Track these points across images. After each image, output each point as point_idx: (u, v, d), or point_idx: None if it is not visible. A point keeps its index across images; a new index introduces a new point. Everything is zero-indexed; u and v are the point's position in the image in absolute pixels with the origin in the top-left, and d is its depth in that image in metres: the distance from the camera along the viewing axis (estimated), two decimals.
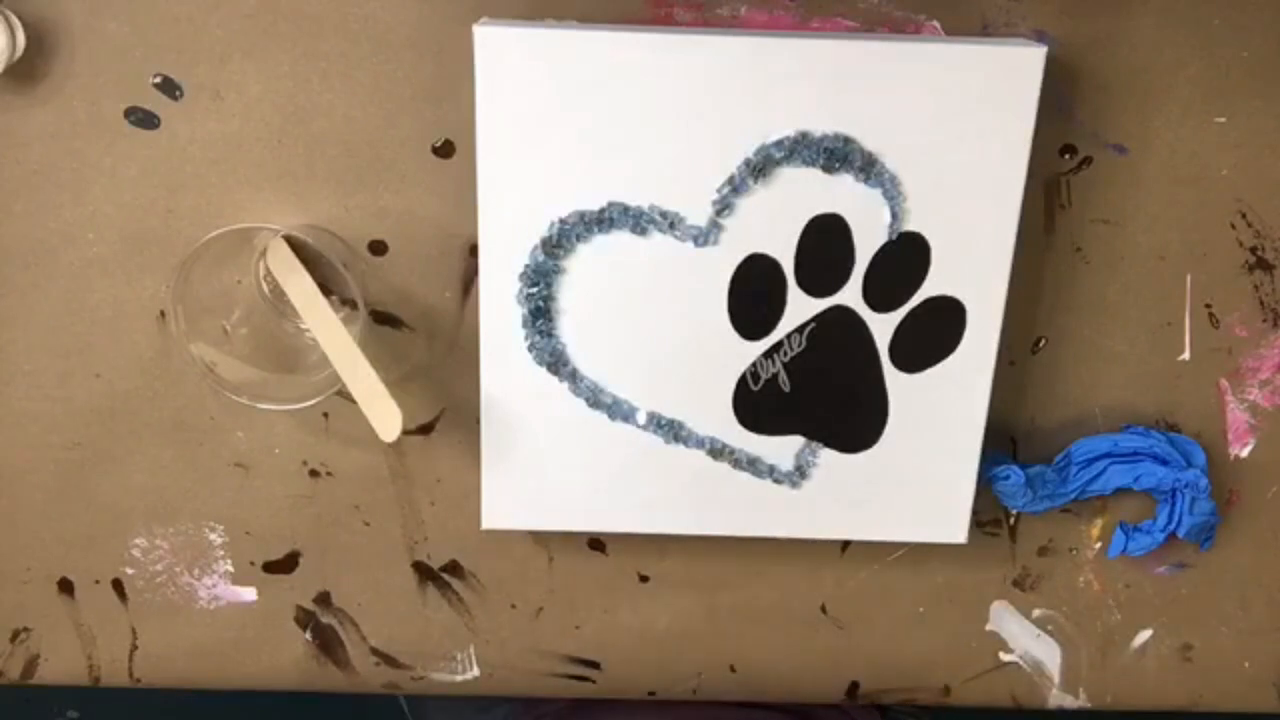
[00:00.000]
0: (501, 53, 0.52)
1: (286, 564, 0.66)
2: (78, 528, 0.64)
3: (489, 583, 0.66)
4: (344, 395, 0.56)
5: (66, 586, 0.66)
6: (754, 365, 0.57)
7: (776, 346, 0.57)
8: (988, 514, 0.65)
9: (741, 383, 0.57)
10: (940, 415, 0.58)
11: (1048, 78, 0.52)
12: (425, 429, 0.62)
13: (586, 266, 0.55)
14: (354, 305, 0.58)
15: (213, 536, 0.65)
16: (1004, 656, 0.69)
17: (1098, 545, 0.66)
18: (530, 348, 0.57)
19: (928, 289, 0.56)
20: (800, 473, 0.59)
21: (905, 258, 0.55)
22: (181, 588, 0.66)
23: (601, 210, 0.54)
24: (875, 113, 0.53)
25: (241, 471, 0.63)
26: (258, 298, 0.59)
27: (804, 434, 0.59)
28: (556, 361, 0.57)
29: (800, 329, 0.56)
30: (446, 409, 0.62)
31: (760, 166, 0.53)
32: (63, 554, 0.65)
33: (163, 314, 0.60)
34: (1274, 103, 0.57)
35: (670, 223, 0.54)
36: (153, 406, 0.62)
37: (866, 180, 0.54)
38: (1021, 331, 0.61)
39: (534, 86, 0.52)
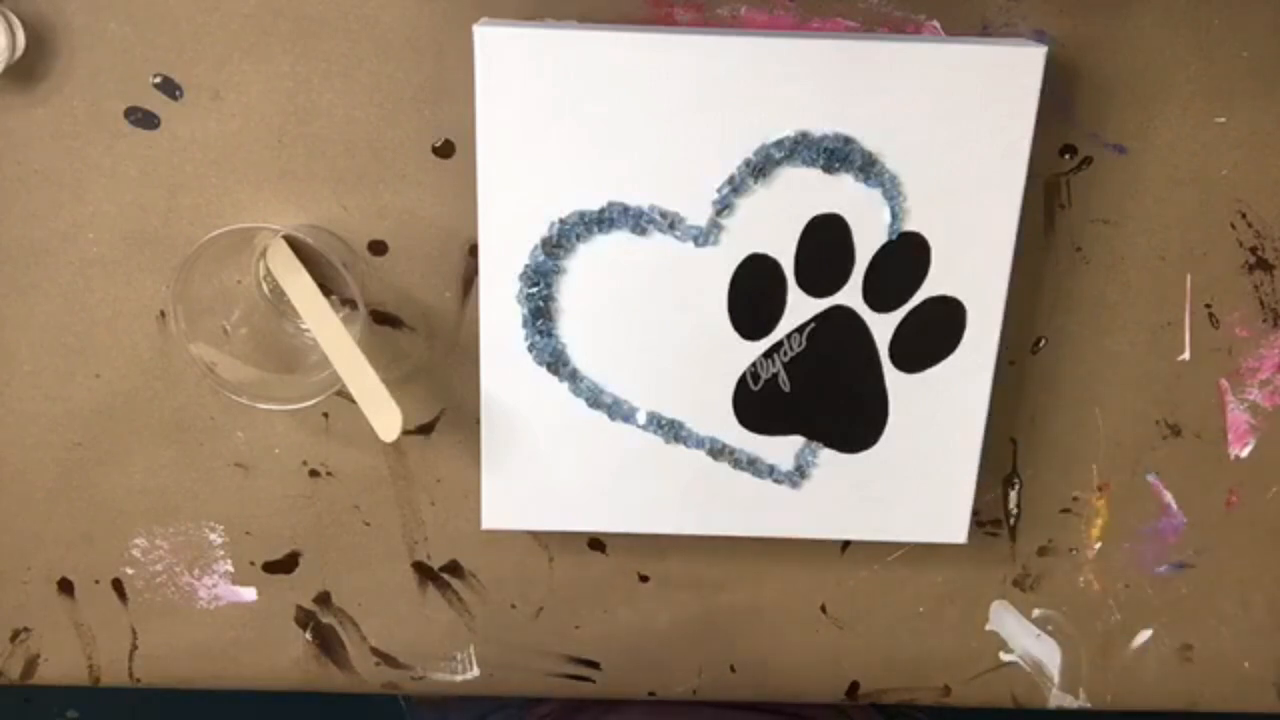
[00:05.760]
0: (501, 53, 0.52)
1: (286, 564, 0.66)
2: (78, 528, 0.64)
3: (489, 583, 0.66)
4: (344, 395, 0.56)
5: (66, 586, 0.66)
6: (754, 365, 0.57)
7: (776, 346, 0.57)
8: (988, 514, 0.65)
9: (741, 383, 0.57)
10: (940, 415, 0.58)
11: (1048, 78, 0.52)
12: (425, 429, 0.62)
13: (586, 266, 0.55)
14: (354, 305, 0.58)
15: (213, 536, 0.65)
16: (1004, 656, 0.69)
17: (1098, 545, 0.66)
18: (530, 348, 0.57)
19: (928, 289, 0.56)
20: (800, 473, 0.59)
21: (905, 258, 0.55)
22: (181, 588, 0.66)
23: (601, 210, 0.54)
24: (875, 113, 0.53)
25: (241, 471, 0.63)
26: (258, 298, 0.59)
27: (804, 434, 0.59)
28: (556, 361, 0.57)
29: (800, 329, 0.56)
30: (446, 409, 0.62)
31: (760, 166, 0.53)
32: (63, 554, 0.65)
33: (163, 314, 0.60)
34: (1274, 103, 0.57)
35: (670, 223, 0.54)
36: (153, 406, 0.62)
37: (866, 180, 0.54)
38: (1021, 331, 0.61)
39: (534, 86, 0.52)
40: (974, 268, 0.56)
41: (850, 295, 0.56)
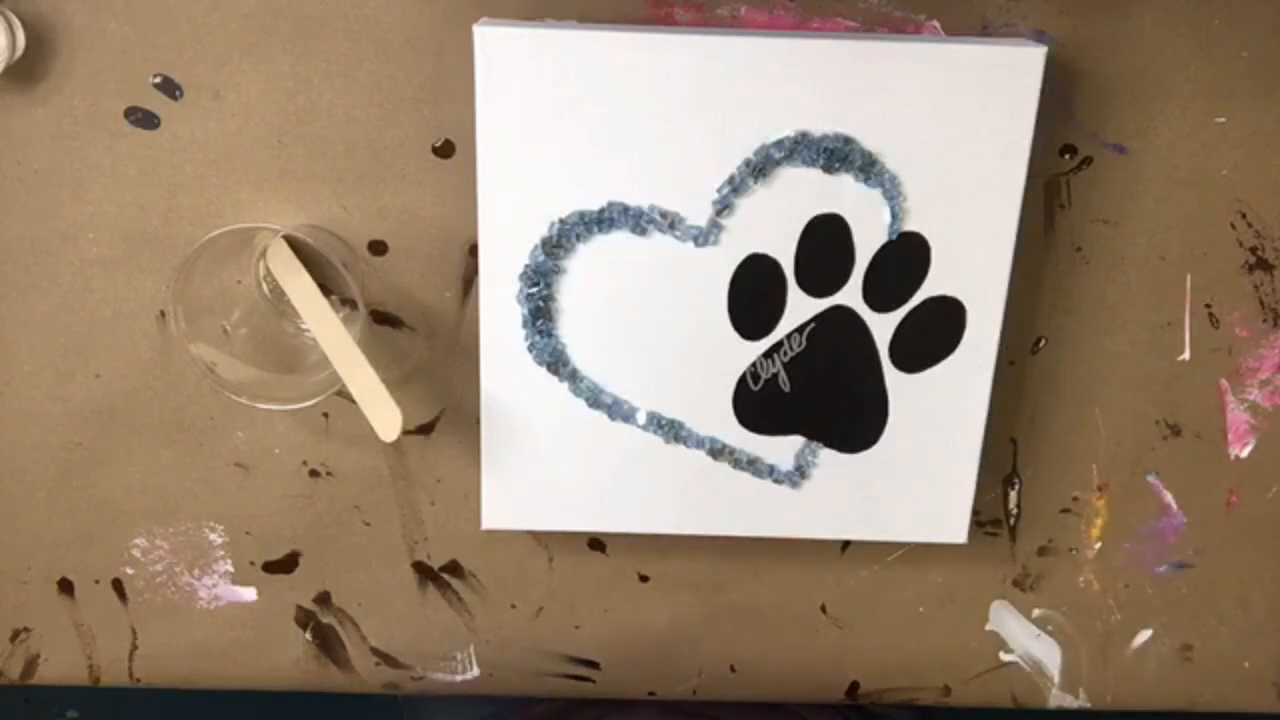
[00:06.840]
0: (501, 53, 0.52)
1: (286, 564, 0.66)
2: (78, 528, 0.64)
3: (489, 583, 0.66)
4: (344, 395, 0.56)
5: (66, 586, 0.66)
6: (754, 365, 0.57)
7: (776, 346, 0.57)
8: (988, 514, 0.65)
9: (741, 383, 0.57)
10: (940, 415, 0.58)
11: (1048, 78, 0.52)
12: (425, 429, 0.62)
13: (586, 266, 0.55)
14: (354, 305, 0.58)
15: (213, 536, 0.65)
16: (1004, 656, 0.69)
17: (1098, 545, 0.66)
18: (530, 348, 0.57)
19: (928, 289, 0.56)
20: (800, 473, 0.59)
21: (905, 258, 0.55)
22: (181, 588, 0.66)
23: (601, 210, 0.54)
24: (875, 113, 0.53)
25: (241, 471, 0.63)
26: (258, 298, 0.59)
27: (804, 434, 0.59)
28: (556, 361, 0.57)
29: (800, 329, 0.56)
30: (446, 409, 0.62)
31: (760, 166, 0.53)
32: (63, 554, 0.65)
33: (163, 314, 0.60)
34: (1274, 103, 0.57)
35: (670, 223, 0.54)
36: (153, 406, 0.62)
37: (866, 180, 0.54)
38: (1021, 331, 0.61)
39: (534, 86, 0.52)
40: (974, 268, 0.56)
41: (850, 295, 0.56)
